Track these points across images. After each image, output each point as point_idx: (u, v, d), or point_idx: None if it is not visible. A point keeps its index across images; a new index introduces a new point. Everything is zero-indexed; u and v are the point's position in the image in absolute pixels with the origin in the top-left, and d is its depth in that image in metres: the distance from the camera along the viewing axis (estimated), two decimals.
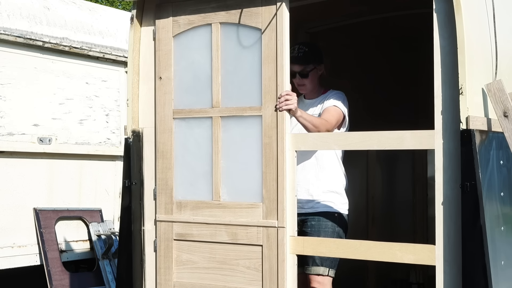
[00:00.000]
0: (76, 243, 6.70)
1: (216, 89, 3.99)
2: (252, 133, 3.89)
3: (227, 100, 3.99)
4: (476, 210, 3.32)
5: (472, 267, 3.33)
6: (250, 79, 3.91)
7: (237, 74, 3.97)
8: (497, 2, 3.75)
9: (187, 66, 4.10)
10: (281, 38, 3.83)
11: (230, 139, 3.97)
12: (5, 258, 6.10)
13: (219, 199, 3.97)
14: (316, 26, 5.70)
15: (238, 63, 3.95)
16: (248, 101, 3.92)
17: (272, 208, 3.82)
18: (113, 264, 6.69)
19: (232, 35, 3.97)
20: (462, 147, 3.37)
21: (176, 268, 4.16)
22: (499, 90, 3.50)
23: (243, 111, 3.92)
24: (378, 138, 3.64)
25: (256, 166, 3.86)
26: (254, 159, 3.88)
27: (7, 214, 6.15)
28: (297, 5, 4.28)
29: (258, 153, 3.88)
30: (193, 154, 4.08)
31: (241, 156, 3.94)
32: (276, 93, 3.83)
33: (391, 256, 3.60)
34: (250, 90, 3.91)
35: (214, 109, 4.00)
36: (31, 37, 6.22)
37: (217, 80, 3.98)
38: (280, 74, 3.81)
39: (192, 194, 4.08)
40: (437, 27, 3.44)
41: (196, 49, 4.07)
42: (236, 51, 3.96)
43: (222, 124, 3.99)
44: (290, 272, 3.83)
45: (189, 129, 4.10)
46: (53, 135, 6.47)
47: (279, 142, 3.82)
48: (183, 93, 4.12)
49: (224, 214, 3.96)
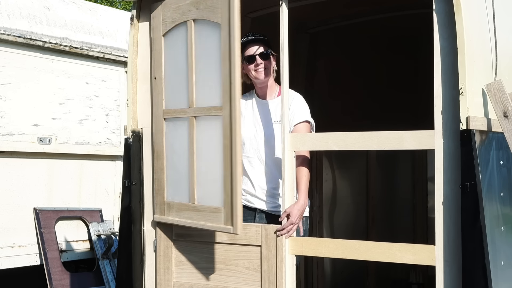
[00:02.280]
0: (76, 243, 6.70)
1: (191, 88, 3.89)
2: (217, 134, 3.73)
3: (200, 100, 3.86)
4: (476, 210, 3.31)
5: (472, 267, 3.32)
6: (214, 78, 3.75)
7: (207, 72, 3.84)
8: (497, 2, 3.75)
9: (173, 65, 4.05)
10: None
11: (203, 140, 3.86)
12: (5, 258, 6.10)
13: (194, 202, 3.89)
14: (316, 27, 5.71)
15: (207, 61, 3.83)
16: (214, 100, 3.75)
17: (230, 213, 3.64)
18: (113, 264, 6.69)
19: (202, 32, 3.85)
20: (462, 147, 3.37)
21: (175, 268, 4.16)
22: (499, 90, 3.50)
23: (209, 111, 3.79)
24: (378, 138, 3.63)
25: (220, 169, 3.70)
26: (219, 162, 3.72)
27: (7, 214, 6.15)
28: (297, 5, 4.28)
29: (221, 155, 3.73)
30: (178, 155, 4.01)
31: (210, 158, 3.81)
32: (230, 92, 3.61)
33: (390, 257, 3.59)
34: (215, 89, 3.74)
35: (190, 109, 3.90)
36: (31, 37, 6.22)
37: (192, 79, 3.89)
38: (233, 72, 3.59)
39: (177, 196, 4.03)
40: (437, 28, 3.43)
41: (179, 48, 4.00)
42: (206, 48, 3.84)
43: (197, 124, 3.87)
44: (289, 272, 3.82)
45: (174, 130, 4.04)
46: (53, 135, 6.47)
47: (233, 144, 3.61)
48: (171, 93, 4.06)
49: (197, 217, 3.86)
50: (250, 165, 4.12)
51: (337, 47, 5.99)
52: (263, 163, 4.10)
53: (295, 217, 3.79)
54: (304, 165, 3.90)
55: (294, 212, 3.79)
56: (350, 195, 6.35)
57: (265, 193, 4.10)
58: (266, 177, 4.09)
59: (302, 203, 3.83)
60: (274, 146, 4.06)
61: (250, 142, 4.12)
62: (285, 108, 3.84)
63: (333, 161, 6.06)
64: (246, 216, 4.13)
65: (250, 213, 4.14)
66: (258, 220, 4.11)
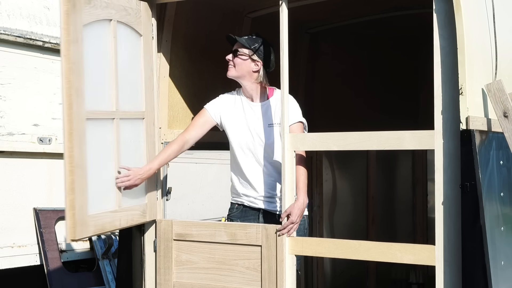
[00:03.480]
0: (76, 243, 6.70)
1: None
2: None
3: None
4: (476, 210, 3.31)
5: (472, 267, 3.33)
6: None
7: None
8: (497, 2, 3.75)
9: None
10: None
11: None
12: (5, 258, 6.09)
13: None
14: (316, 27, 5.71)
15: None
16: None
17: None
18: (113, 264, 6.69)
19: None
20: (462, 147, 3.37)
21: (175, 268, 4.15)
22: (499, 90, 3.50)
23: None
24: (378, 138, 3.63)
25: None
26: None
27: (7, 214, 6.15)
28: (297, 5, 4.29)
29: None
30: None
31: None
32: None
33: (390, 257, 3.59)
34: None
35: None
36: (31, 37, 6.22)
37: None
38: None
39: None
40: (437, 28, 3.43)
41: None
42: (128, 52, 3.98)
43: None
44: (289, 272, 3.83)
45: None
46: (53, 135, 6.47)
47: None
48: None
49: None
50: (248, 169, 4.11)
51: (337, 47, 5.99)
52: (262, 166, 4.09)
53: (295, 216, 3.79)
54: (301, 164, 3.90)
55: (295, 212, 3.79)
56: (350, 195, 6.36)
57: (269, 194, 4.10)
58: (266, 180, 4.09)
59: (301, 201, 3.83)
60: (273, 150, 4.05)
61: (247, 147, 4.10)
62: (285, 108, 3.84)
63: (333, 161, 6.06)
64: (250, 216, 4.15)
65: (253, 213, 4.15)
66: (263, 220, 4.11)
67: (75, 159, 3.60)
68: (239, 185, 4.16)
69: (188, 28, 4.58)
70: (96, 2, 3.74)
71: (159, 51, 4.33)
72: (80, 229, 3.60)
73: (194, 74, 4.70)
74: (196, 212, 6.14)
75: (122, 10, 3.92)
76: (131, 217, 4.02)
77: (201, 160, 6.34)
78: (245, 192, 4.14)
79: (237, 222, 4.10)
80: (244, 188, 4.14)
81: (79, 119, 3.61)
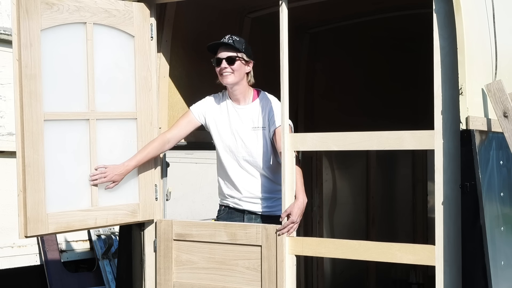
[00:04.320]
0: (76, 243, 6.70)
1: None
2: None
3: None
4: (476, 210, 3.31)
5: (472, 267, 3.32)
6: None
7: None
8: (497, 2, 3.75)
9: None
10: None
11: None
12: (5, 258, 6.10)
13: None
14: (316, 27, 5.71)
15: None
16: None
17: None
18: (113, 264, 6.69)
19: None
20: (462, 147, 3.37)
21: (175, 268, 4.15)
22: (499, 90, 3.50)
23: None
24: (378, 138, 3.63)
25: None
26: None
27: (7, 214, 6.15)
28: (297, 5, 4.28)
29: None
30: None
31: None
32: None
33: (390, 257, 3.59)
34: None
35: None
36: None
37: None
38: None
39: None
40: (437, 28, 3.43)
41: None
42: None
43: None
44: (289, 272, 3.83)
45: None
46: None
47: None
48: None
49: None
50: (232, 171, 4.12)
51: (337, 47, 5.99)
52: (245, 168, 4.10)
53: (295, 216, 3.79)
54: (296, 163, 3.91)
55: (295, 211, 3.79)
56: (350, 195, 6.36)
57: (252, 195, 4.11)
58: (250, 181, 4.10)
59: (301, 201, 3.83)
60: (256, 152, 4.06)
61: (230, 149, 4.11)
62: (285, 109, 3.84)
63: (333, 161, 6.06)
64: (235, 217, 4.16)
65: (238, 214, 4.16)
66: (247, 221, 4.11)
67: (26, 159, 3.68)
68: (224, 186, 4.19)
69: (188, 28, 4.58)
70: (62, 6, 3.79)
71: (159, 51, 4.33)
72: (34, 226, 3.70)
73: (194, 74, 4.70)
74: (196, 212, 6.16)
75: (101, 12, 3.95)
76: (114, 216, 4.04)
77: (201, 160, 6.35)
78: (229, 193, 4.17)
79: (236, 222, 4.10)
80: (229, 189, 4.17)
81: (34, 120, 3.71)
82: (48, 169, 3.76)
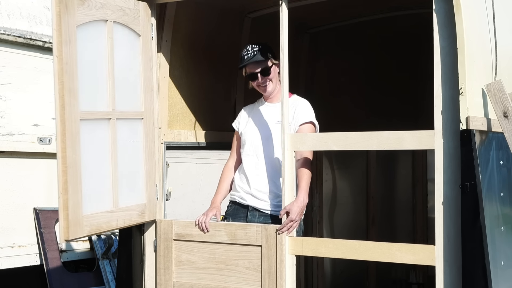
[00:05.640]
0: (76, 243, 6.70)
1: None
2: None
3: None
4: (476, 210, 3.31)
5: (472, 267, 3.32)
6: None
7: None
8: (497, 2, 3.75)
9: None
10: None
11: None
12: (5, 258, 6.09)
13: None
14: (316, 27, 5.71)
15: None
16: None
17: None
18: (113, 264, 6.69)
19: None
20: (462, 147, 3.37)
21: (175, 268, 4.15)
22: (499, 90, 3.50)
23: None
24: (378, 138, 3.63)
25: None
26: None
27: (7, 214, 6.15)
28: (297, 5, 4.28)
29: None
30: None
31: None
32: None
33: (390, 257, 3.59)
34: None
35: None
36: (31, 37, 6.22)
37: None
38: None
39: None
40: (437, 28, 3.43)
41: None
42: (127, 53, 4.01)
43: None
44: (289, 272, 3.82)
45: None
46: (53, 135, 6.46)
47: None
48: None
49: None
50: (247, 163, 4.14)
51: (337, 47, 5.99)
52: (260, 161, 4.11)
53: (294, 214, 3.79)
54: (306, 166, 3.91)
55: (294, 209, 3.79)
56: (350, 195, 6.35)
57: (259, 191, 4.11)
58: (262, 176, 4.11)
59: (301, 199, 3.83)
60: (273, 146, 4.07)
61: (250, 141, 4.15)
62: (285, 108, 3.84)
63: (333, 161, 6.06)
64: (239, 213, 4.16)
65: (243, 210, 4.16)
66: (250, 218, 4.11)
67: (68, 159, 3.58)
68: (238, 177, 4.21)
69: (188, 28, 4.58)
70: (91, 2, 3.74)
71: (159, 51, 4.33)
72: (74, 229, 3.61)
73: (194, 74, 4.70)
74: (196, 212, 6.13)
75: (119, 11, 3.92)
76: (129, 217, 4.02)
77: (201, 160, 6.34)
78: (240, 184, 4.18)
79: (236, 222, 4.10)
80: (240, 181, 4.18)
81: (72, 120, 3.61)
82: (82, 170, 3.69)
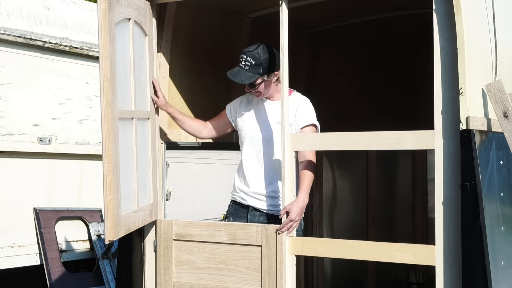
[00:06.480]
0: (76, 243, 6.70)
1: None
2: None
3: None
4: (476, 210, 3.31)
5: (472, 267, 3.33)
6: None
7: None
8: (497, 2, 3.75)
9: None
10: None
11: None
12: (5, 258, 6.09)
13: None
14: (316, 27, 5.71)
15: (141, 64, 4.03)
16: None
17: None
18: (113, 264, 6.69)
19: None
20: (462, 147, 3.37)
21: (175, 268, 4.15)
22: (499, 90, 3.50)
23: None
24: (378, 138, 3.63)
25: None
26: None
27: (7, 214, 6.15)
28: (297, 5, 4.28)
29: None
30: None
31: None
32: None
33: (390, 257, 3.59)
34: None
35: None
36: (31, 37, 6.22)
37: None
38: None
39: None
40: (437, 28, 3.43)
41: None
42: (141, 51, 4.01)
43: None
44: (289, 272, 3.83)
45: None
46: (53, 135, 6.47)
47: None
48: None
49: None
50: (248, 164, 4.13)
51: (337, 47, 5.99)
52: (260, 162, 4.10)
53: (294, 214, 3.79)
54: (308, 168, 3.90)
55: (294, 209, 3.79)
56: (350, 195, 6.35)
57: (260, 191, 4.11)
58: (262, 176, 4.10)
59: (301, 199, 3.83)
60: (273, 146, 4.06)
61: (250, 140, 4.13)
62: (285, 108, 3.84)
63: (333, 161, 6.06)
64: (240, 213, 4.16)
65: (243, 210, 4.16)
66: (251, 217, 4.11)
67: (112, 158, 3.56)
68: (237, 178, 4.20)
69: (188, 28, 4.58)
70: (122, 1, 3.72)
71: (159, 51, 4.33)
72: (117, 229, 3.60)
73: (194, 74, 4.70)
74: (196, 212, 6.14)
75: (136, 10, 3.92)
76: (144, 217, 4.04)
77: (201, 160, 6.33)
78: (240, 186, 4.18)
79: (235, 222, 4.10)
80: (240, 182, 4.17)
81: (114, 118, 3.59)
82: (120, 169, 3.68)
